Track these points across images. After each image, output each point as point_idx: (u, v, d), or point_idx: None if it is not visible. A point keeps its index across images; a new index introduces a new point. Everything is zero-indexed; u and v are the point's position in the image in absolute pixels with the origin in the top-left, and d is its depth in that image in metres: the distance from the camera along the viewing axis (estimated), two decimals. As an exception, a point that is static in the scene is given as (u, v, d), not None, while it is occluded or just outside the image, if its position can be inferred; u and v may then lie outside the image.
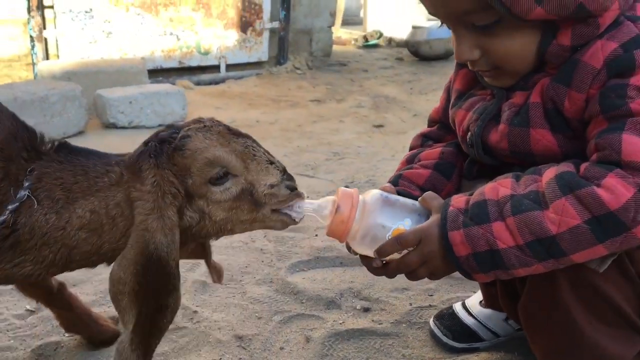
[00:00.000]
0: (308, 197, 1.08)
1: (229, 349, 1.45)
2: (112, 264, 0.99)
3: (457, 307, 1.52)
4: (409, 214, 1.05)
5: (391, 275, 1.08)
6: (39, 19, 4.51)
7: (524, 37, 1.00)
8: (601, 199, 0.86)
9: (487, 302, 1.46)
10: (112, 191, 1.01)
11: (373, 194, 1.06)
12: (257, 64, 5.78)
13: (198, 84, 5.20)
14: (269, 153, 1.05)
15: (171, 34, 5.16)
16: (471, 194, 1.00)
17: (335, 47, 6.82)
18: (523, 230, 0.91)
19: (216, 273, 1.23)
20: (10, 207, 0.98)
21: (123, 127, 3.90)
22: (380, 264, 1.07)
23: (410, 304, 1.66)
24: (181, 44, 5.23)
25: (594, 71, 0.94)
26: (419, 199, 1.08)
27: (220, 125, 1.03)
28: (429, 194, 1.07)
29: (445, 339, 1.45)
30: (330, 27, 6.43)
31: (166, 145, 0.99)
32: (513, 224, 0.91)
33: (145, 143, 1.02)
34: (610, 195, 0.86)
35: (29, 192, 0.99)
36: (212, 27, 5.36)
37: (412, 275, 1.05)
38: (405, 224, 1.03)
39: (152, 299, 0.95)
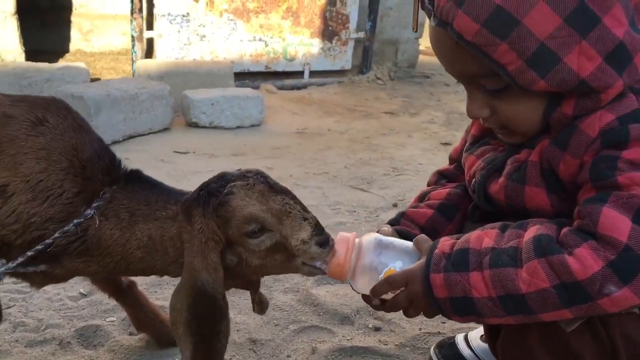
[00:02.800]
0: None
1: (241, 350, 1.61)
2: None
3: (459, 338, 1.58)
4: (401, 256, 1.13)
5: (389, 311, 1.16)
6: (140, 20, 4.91)
7: (531, 104, 1.04)
8: (570, 267, 0.91)
9: (486, 337, 1.51)
10: (167, 224, 1.18)
11: (368, 238, 1.16)
12: (340, 72, 5.94)
13: (281, 88, 5.43)
14: (304, 209, 1.16)
15: (260, 39, 5.42)
16: (459, 238, 1.07)
17: (423, 58, 6.83)
18: (497, 285, 0.97)
19: (259, 305, 1.35)
20: (75, 220, 1.16)
21: (204, 127, 4.19)
22: (378, 302, 1.16)
23: (420, 329, 1.73)
24: (269, 49, 5.49)
25: (589, 139, 0.98)
26: (414, 240, 1.16)
27: (264, 182, 1.15)
28: (421, 236, 1.15)
29: (440, 368, 1.53)
30: (417, 38, 6.46)
31: (213, 199, 1.12)
32: (489, 276, 0.98)
33: (200, 190, 1.16)
34: (579, 265, 0.91)
35: (94, 212, 1.17)
36: (300, 34, 5.58)
37: (406, 314, 1.13)
38: (397, 266, 1.12)
39: (205, 327, 1.11)
